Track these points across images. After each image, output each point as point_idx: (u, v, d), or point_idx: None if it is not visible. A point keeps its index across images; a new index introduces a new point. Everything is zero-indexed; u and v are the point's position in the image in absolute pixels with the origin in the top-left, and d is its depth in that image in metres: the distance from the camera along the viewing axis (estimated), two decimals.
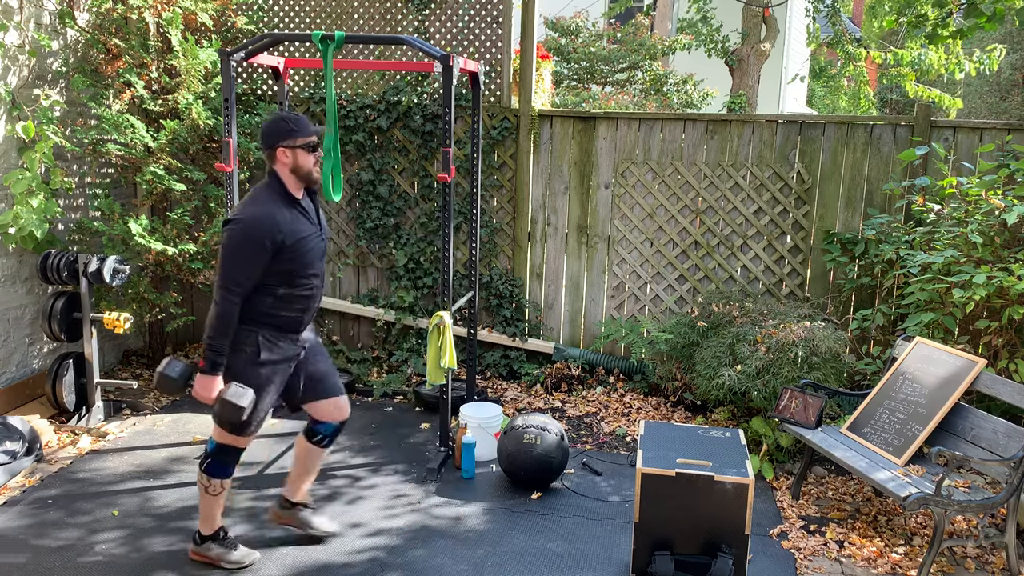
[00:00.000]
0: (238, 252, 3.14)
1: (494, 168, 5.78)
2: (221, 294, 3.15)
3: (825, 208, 5.47)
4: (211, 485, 3.40)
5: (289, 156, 3.26)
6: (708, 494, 3.37)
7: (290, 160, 3.26)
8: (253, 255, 3.14)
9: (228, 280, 3.14)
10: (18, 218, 4.69)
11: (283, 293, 3.27)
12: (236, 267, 3.14)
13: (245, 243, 3.13)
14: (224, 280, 3.15)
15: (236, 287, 3.15)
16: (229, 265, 3.14)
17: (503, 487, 4.34)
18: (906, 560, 3.71)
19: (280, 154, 3.26)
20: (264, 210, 3.18)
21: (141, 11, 5.15)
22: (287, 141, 3.24)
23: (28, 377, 5.11)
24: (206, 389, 3.20)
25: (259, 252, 3.14)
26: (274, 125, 3.25)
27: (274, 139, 3.25)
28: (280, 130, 3.24)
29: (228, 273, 3.14)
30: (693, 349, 5.17)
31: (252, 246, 3.14)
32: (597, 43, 11.45)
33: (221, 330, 3.15)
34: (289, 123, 3.25)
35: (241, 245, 3.14)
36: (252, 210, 3.17)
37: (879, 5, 11.06)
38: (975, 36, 15.52)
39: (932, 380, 4.01)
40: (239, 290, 3.16)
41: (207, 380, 3.19)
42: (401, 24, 5.76)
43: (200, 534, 3.51)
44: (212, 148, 5.55)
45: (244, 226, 3.14)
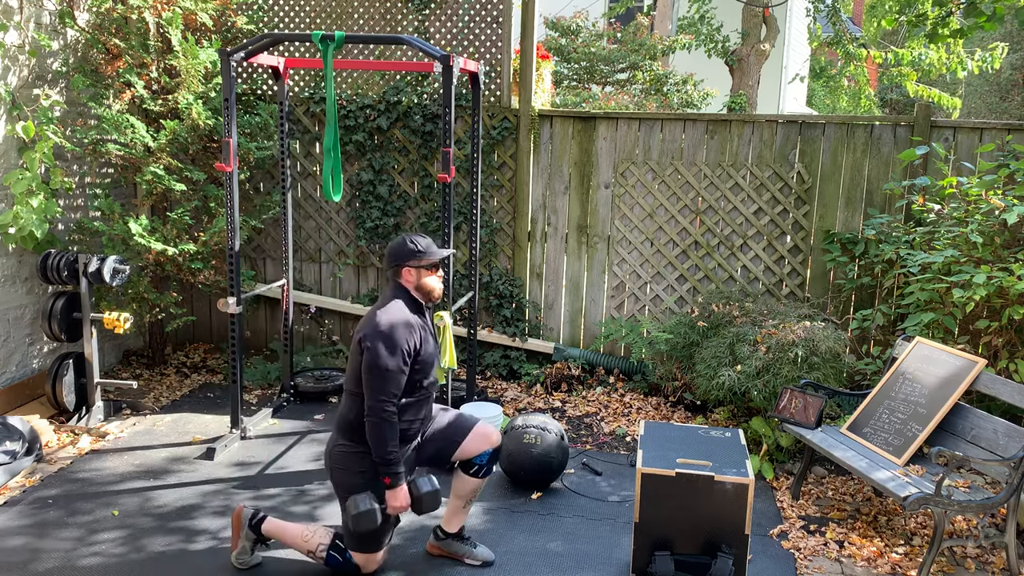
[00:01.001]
0: (389, 363, 3.17)
1: (494, 168, 5.78)
2: (379, 408, 3.17)
3: (825, 208, 5.47)
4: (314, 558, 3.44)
5: (412, 277, 3.35)
6: (708, 494, 3.37)
7: (416, 278, 3.35)
8: (401, 363, 3.20)
9: (385, 392, 3.18)
10: (18, 218, 4.69)
11: (404, 403, 3.31)
12: (389, 378, 3.18)
13: (395, 352, 3.18)
14: (380, 394, 3.17)
15: (393, 398, 3.20)
16: (383, 378, 3.17)
17: (503, 487, 4.34)
18: (906, 560, 3.70)
19: (406, 272, 3.35)
20: (402, 318, 3.25)
21: (141, 11, 5.15)
22: (415, 262, 3.33)
23: (28, 377, 5.12)
24: (400, 500, 3.25)
25: (405, 359, 3.21)
26: (402, 247, 3.34)
27: (402, 259, 3.34)
28: (405, 252, 3.34)
29: (383, 385, 3.17)
30: (693, 349, 5.17)
31: (400, 354, 3.19)
32: (597, 43, 11.45)
33: (390, 442, 3.19)
34: (416, 245, 3.34)
35: (391, 355, 3.17)
36: (391, 318, 3.23)
37: (879, 5, 11.06)
38: (976, 36, 15.51)
39: (932, 380, 4.01)
40: (396, 399, 3.21)
41: (397, 492, 3.24)
42: (401, 24, 5.76)
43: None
44: (212, 148, 5.55)
45: (391, 336, 3.18)
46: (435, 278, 3.39)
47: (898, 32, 14.72)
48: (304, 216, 6.05)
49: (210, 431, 4.95)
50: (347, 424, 3.31)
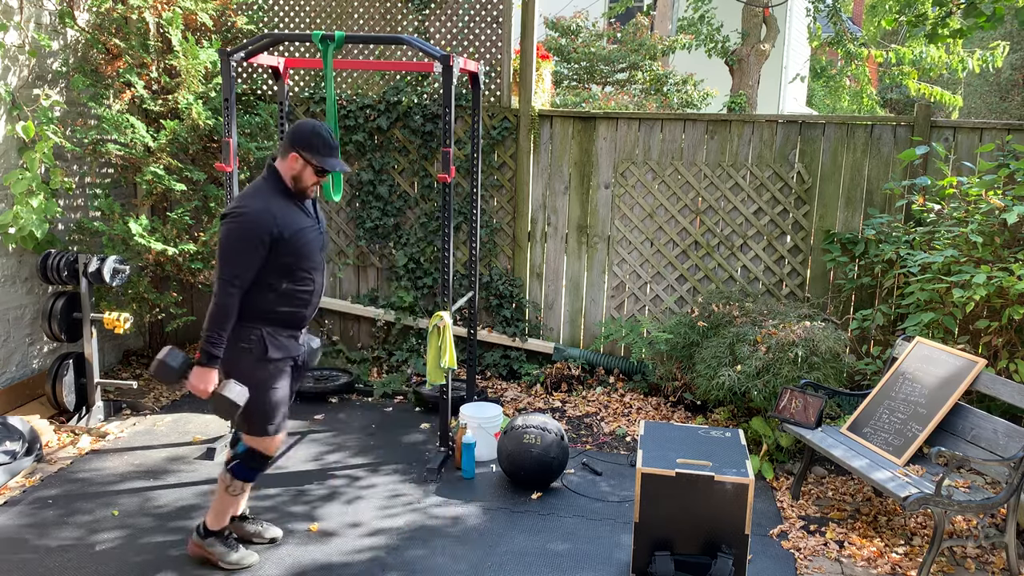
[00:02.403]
0: (236, 245, 3.15)
1: (494, 168, 5.78)
2: (219, 287, 3.16)
3: (825, 208, 5.47)
4: (232, 485, 3.41)
5: (298, 164, 3.26)
6: (708, 494, 3.37)
7: (297, 168, 3.27)
8: (251, 248, 3.15)
9: (226, 273, 3.15)
10: (18, 218, 4.69)
11: (284, 288, 3.28)
12: (234, 260, 3.15)
13: (243, 236, 3.14)
14: (222, 273, 3.16)
15: (235, 279, 3.16)
16: (227, 258, 3.15)
17: (503, 487, 4.34)
18: (906, 560, 3.70)
19: (292, 157, 3.26)
20: (261, 204, 3.19)
21: (141, 11, 5.14)
22: (306, 152, 3.24)
23: (28, 377, 5.11)
24: (202, 381, 3.20)
25: (256, 245, 3.15)
26: (306, 132, 3.25)
27: (297, 142, 3.25)
28: (307, 139, 3.24)
29: (226, 266, 3.15)
30: (693, 349, 5.17)
31: (250, 239, 3.15)
32: (597, 43, 11.44)
33: (219, 323, 3.16)
34: (318, 140, 3.25)
35: (239, 238, 3.15)
36: (249, 203, 3.19)
37: (879, 5, 11.06)
38: (976, 35, 15.50)
39: (932, 380, 4.01)
40: (238, 283, 3.16)
41: (203, 372, 3.20)
42: (401, 24, 5.76)
43: (205, 527, 3.50)
44: (212, 148, 5.55)
45: (242, 219, 3.15)
46: (315, 181, 3.30)
47: (898, 32, 14.71)
48: None
49: (210, 431, 4.95)
50: None
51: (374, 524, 3.92)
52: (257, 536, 3.70)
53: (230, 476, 3.40)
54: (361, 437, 4.93)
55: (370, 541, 3.76)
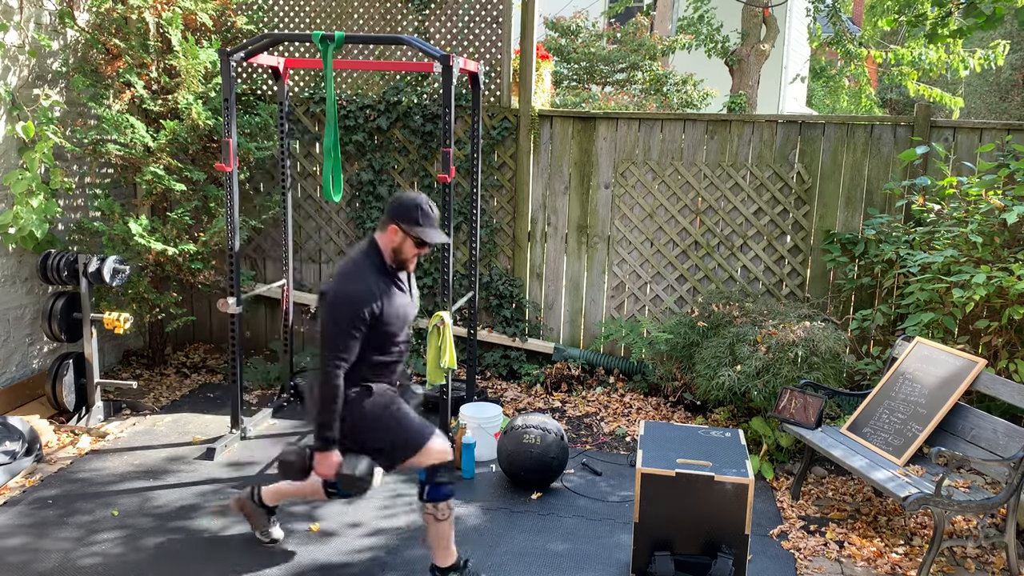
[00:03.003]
0: (340, 326, 3.13)
1: (494, 168, 5.78)
2: (326, 369, 3.14)
3: (825, 208, 5.47)
4: (439, 511, 3.31)
5: (398, 237, 3.25)
6: (708, 494, 3.36)
7: (397, 240, 3.26)
8: (354, 328, 3.15)
9: (332, 355, 3.13)
10: (18, 218, 4.69)
11: (375, 360, 3.29)
12: (339, 342, 3.14)
13: (347, 317, 3.13)
14: (329, 355, 3.13)
15: (341, 361, 3.16)
16: (333, 340, 3.13)
17: (503, 487, 4.34)
18: (906, 560, 3.70)
19: (392, 230, 3.25)
20: (363, 284, 3.18)
21: (141, 11, 5.15)
22: (405, 224, 3.23)
23: (28, 377, 5.11)
24: (325, 466, 3.20)
25: (359, 325, 3.16)
26: (405, 204, 3.23)
27: (397, 214, 3.23)
28: (406, 211, 3.23)
29: (332, 348, 3.13)
30: (693, 349, 5.17)
31: (353, 320, 3.14)
32: (597, 43, 11.45)
33: (330, 405, 3.15)
34: (418, 212, 3.23)
35: (343, 320, 3.13)
36: (352, 284, 3.17)
37: (879, 4, 11.06)
38: (976, 35, 15.49)
39: (932, 380, 4.01)
40: (344, 364, 3.17)
41: (324, 457, 3.18)
42: (401, 24, 5.76)
43: (438, 568, 3.38)
44: (212, 148, 5.55)
45: (346, 300, 3.14)
46: (415, 252, 3.29)
47: (898, 32, 14.72)
48: (304, 216, 6.05)
49: (210, 431, 4.95)
50: None
51: (374, 524, 3.92)
52: (261, 534, 3.71)
53: (431, 504, 3.30)
54: None
55: (370, 541, 3.76)
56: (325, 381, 3.13)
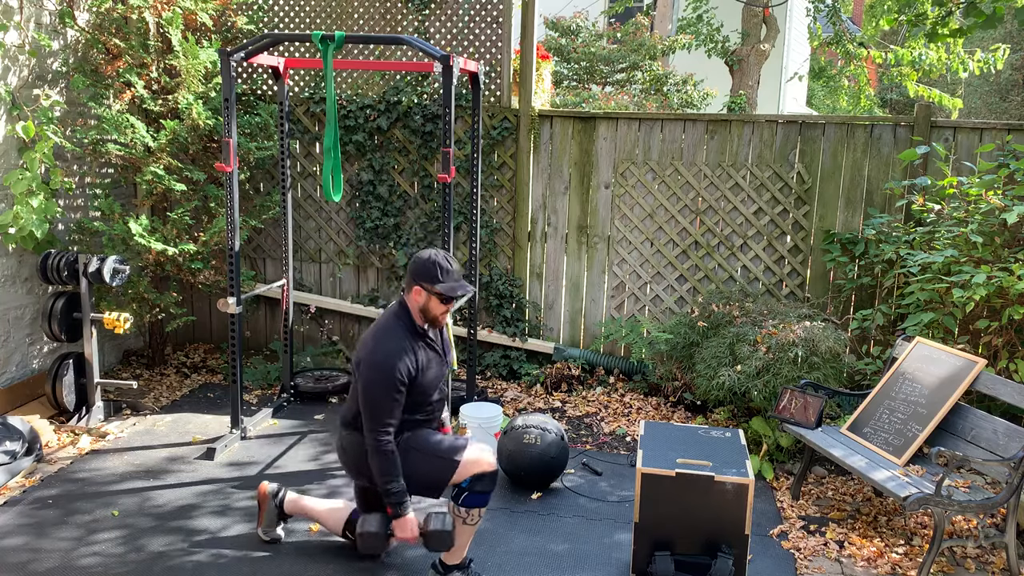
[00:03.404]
0: (382, 394, 3.16)
1: (494, 168, 5.78)
2: (375, 438, 3.16)
3: (825, 208, 5.47)
4: (470, 516, 3.34)
5: (423, 297, 3.26)
6: (708, 494, 3.36)
7: (423, 301, 3.27)
8: (395, 394, 3.17)
9: (381, 422, 3.17)
10: (18, 218, 4.69)
11: (408, 418, 3.32)
12: (383, 409, 3.16)
13: (387, 385, 3.16)
14: (375, 424, 3.16)
15: (389, 427, 3.18)
16: (376, 408, 3.16)
17: (503, 487, 4.34)
18: (906, 560, 3.70)
19: (416, 291, 3.26)
20: (398, 347, 3.19)
21: (141, 11, 5.15)
22: (427, 283, 3.24)
23: (28, 377, 5.11)
24: (407, 531, 3.23)
25: (400, 390, 3.18)
26: (422, 263, 3.25)
27: (417, 275, 3.26)
28: (425, 270, 3.24)
29: (377, 416, 3.16)
30: (693, 349, 5.17)
31: (393, 386, 3.16)
32: (597, 43, 11.45)
33: (391, 471, 3.18)
34: (436, 268, 3.25)
35: (384, 387, 3.16)
36: (388, 349, 3.18)
37: (879, 4, 11.06)
38: (976, 36, 15.50)
39: (932, 380, 4.01)
40: (392, 428, 3.19)
41: (403, 522, 3.23)
42: (401, 24, 5.76)
43: (443, 563, 3.42)
44: (212, 148, 5.55)
45: (383, 367, 3.15)
46: (443, 310, 3.29)
47: (898, 32, 14.72)
48: (304, 216, 6.05)
49: (210, 431, 4.95)
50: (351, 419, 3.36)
51: None
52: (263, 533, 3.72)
53: (464, 508, 3.32)
54: None
55: None
56: (378, 450, 3.17)
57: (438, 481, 3.32)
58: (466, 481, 3.32)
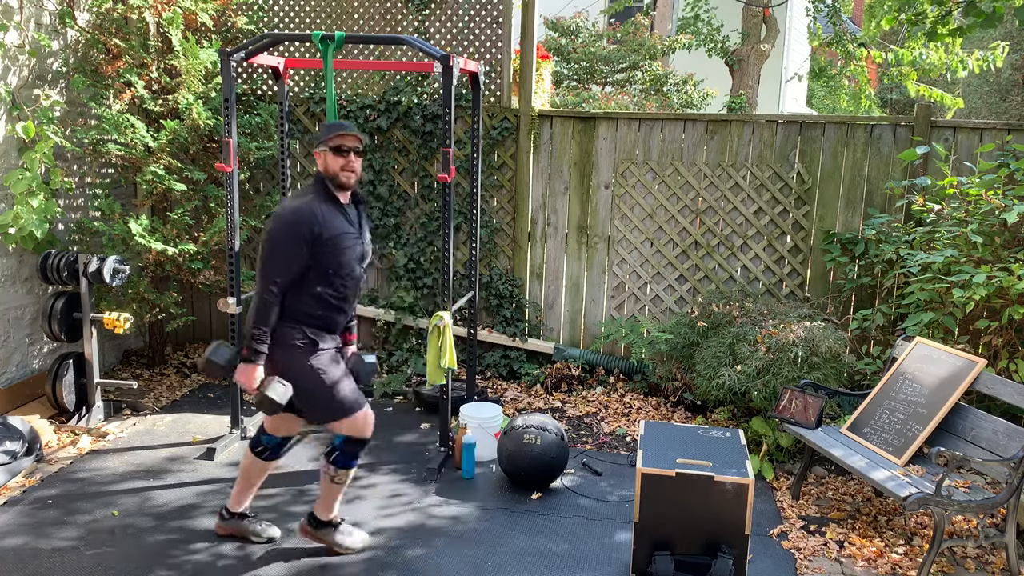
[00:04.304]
0: (278, 243, 3.21)
1: (494, 168, 5.78)
2: (262, 285, 3.23)
3: (825, 208, 5.47)
4: (337, 475, 3.47)
5: (321, 157, 3.34)
6: (708, 494, 3.37)
7: (322, 160, 3.34)
8: (293, 246, 3.21)
9: (268, 271, 3.22)
10: (18, 218, 4.69)
11: (318, 292, 3.33)
12: (276, 259, 3.22)
13: (286, 235, 3.21)
14: (265, 271, 3.22)
15: (277, 278, 3.22)
16: (270, 256, 3.23)
17: (503, 487, 4.34)
18: (906, 560, 3.70)
19: (316, 155, 3.37)
20: (304, 203, 3.26)
21: (141, 11, 5.15)
22: (319, 145, 3.34)
23: (28, 377, 5.12)
24: (247, 377, 3.28)
25: (300, 244, 3.21)
26: (319, 131, 3.38)
27: (315, 141, 3.37)
28: (319, 135, 3.36)
29: (269, 264, 3.23)
30: (693, 349, 5.17)
31: (293, 238, 3.21)
32: (597, 43, 11.45)
33: (262, 320, 3.24)
34: (325, 129, 3.35)
35: (282, 237, 3.21)
36: (293, 203, 3.26)
37: (878, 5, 11.06)
38: (976, 36, 15.50)
39: (932, 380, 4.01)
40: (280, 282, 3.23)
41: (248, 369, 3.28)
42: (401, 24, 5.76)
43: (315, 518, 3.59)
44: (212, 148, 5.55)
45: (284, 218, 3.22)
46: (342, 163, 3.32)
47: (898, 32, 14.72)
48: None
49: (210, 431, 4.95)
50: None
51: (373, 524, 3.92)
52: (256, 535, 3.71)
53: (333, 467, 3.45)
54: None
55: (369, 540, 3.76)
56: (262, 298, 3.23)
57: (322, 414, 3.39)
58: (339, 438, 3.41)
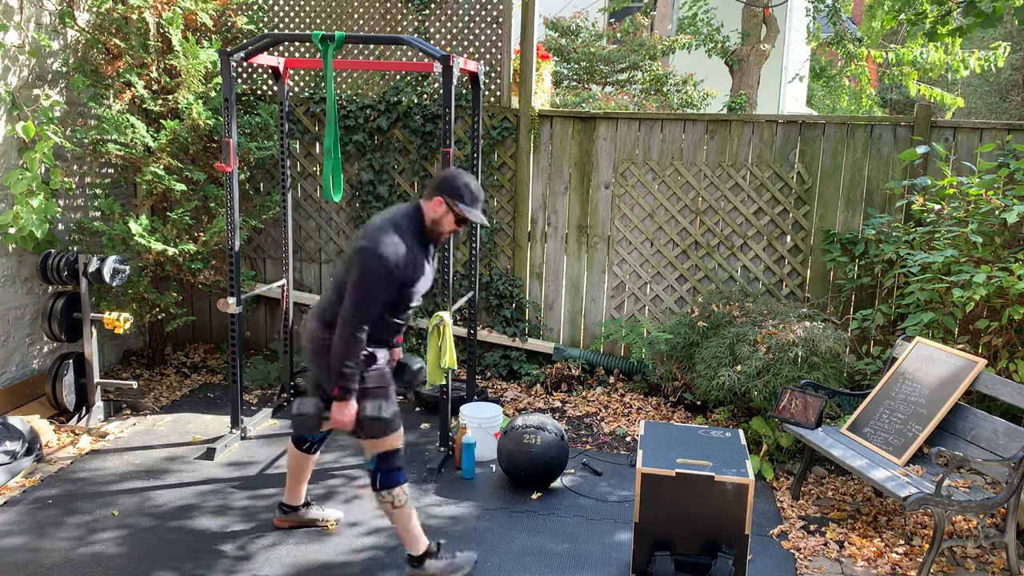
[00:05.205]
0: (377, 284, 3.15)
1: (494, 168, 5.78)
2: (354, 322, 3.14)
3: (825, 208, 5.47)
4: (396, 498, 3.34)
5: (441, 209, 3.27)
6: (708, 494, 3.36)
7: (439, 212, 3.27)
8: (389, 288, 3.18)
9: (364, 310, 3.15)
10: (18, 218, 4.69)
11: (387, 317, 3.31)
12: (372, 299, 3.15)
13: (385, 278, 3.15)
14: (360, 309, 3.14)
15: (370, 317, 3.18)
16: (367, 297, 3.15)
17: (503, 487, 4.34)
18: (906, 560, 3.70)
19: (437, 201, 3.26)
20: (402, 243, 3.18)
21: (141, 11, 5.15)
22: (451, 198, 3.25)
23: (28, 377, 5.12)
24: (345, 415, 3.22)
25: (394, 286, 3.19)
26: (456, 180, 3.26)
27: (445, 188, 3.26)
28: (455, 187, 3.26)
29: (363, 304, 3.15)
30: (693, 349, 5.17)
31: (390, 281, 3.16)
32: (597, 43, 11.45)
33: (352, 356, 3.17)
34: (467, 192, 3.27)
35: (381, 279, 3.14)
36: (392, 240, 3.16)
37: (877, 5, 11.06)
38: (976, 35, 15.49)
39: (932, 380, 4.01)
40: (373, 316, 3.19)
41: (344, 406, 3.21)
42: (401, 24, 5.76)
43: (411, 557, 3.40)
44: (212, 148, 5.55)
45: (387, 260, 3.13)
46: (452, 228, 3.32)
47: (898, 32, 14.72)
48: (304, 216, 6.05)
49: (210, 431, 4.95)
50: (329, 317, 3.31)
51: (373, 524, 3.92)
52: (320, 521, 3.82)
53: (387, 492, 3.33)
54: None
55: (369, 540, 3.76)
56: (352, 336, 3.14)
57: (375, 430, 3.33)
58: (373, 462, 3.34)
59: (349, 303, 3.16)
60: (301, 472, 3.73)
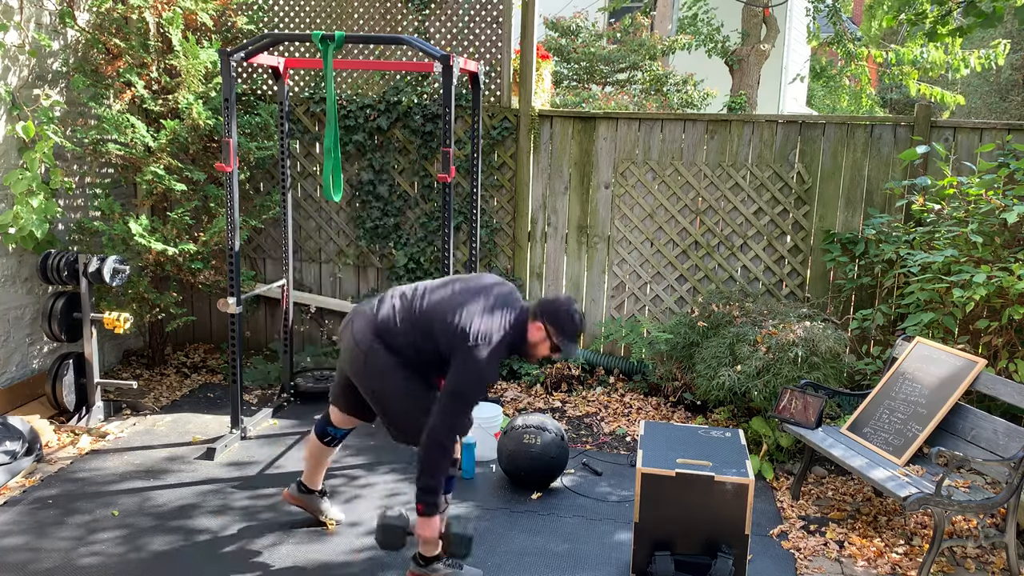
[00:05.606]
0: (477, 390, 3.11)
1: (494, 168, 5.78)
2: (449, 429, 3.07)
3: (825, 208, 5.47)
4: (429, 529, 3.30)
5: (540, 335, 3.23)
6: (708, 494, 3.36)
7: (537, 338, 3.23)
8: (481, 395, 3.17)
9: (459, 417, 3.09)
10: (18, 218, 4.69)
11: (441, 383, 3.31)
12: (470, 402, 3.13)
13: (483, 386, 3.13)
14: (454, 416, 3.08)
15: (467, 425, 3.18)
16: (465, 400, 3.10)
17: (503, 487, 4.34)
18: (906, 560, 3.70)
19: (537, 327, 3.22)
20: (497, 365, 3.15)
21: (141, 11, 5.15)
22: (552, 329, 3.21)
23: (28, 377, 5.12)
24: (431, 531, 3.20)
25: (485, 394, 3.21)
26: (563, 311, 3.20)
27: (549, 317, 3.20)
28: (560, 318, 3.20)
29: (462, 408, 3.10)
30: (693, 349, 5.17)
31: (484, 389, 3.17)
32: (597, 43, 11.45)
33: (442, 470, 3.10)
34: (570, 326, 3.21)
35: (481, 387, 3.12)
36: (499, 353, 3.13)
37: (877, 5, 11.06)
38: (977, 35, 15.48)
39: (932, 380, 4.01)
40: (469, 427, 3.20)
41: (431, 522, 3.19)
42: (401, 24, 5.76)
43: (421, 556, 3.38)
44: (212, 148, 5.55)
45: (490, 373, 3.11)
46: (543, 356, 3.29)
47: (898, 32, 14.72)
48: (304, 216, 6.05)
49: (210, 431, 4.95)
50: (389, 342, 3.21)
51: (372, 523, 3.91)
52: (321, 513, 3.85)
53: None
54: (360, 436, 4.93)
55: (369, 540, 3.76)
56: (442, 444, 3.07)
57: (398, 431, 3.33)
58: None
59: (448, 415, 3.07)
60: (321, 459, 3.76)
